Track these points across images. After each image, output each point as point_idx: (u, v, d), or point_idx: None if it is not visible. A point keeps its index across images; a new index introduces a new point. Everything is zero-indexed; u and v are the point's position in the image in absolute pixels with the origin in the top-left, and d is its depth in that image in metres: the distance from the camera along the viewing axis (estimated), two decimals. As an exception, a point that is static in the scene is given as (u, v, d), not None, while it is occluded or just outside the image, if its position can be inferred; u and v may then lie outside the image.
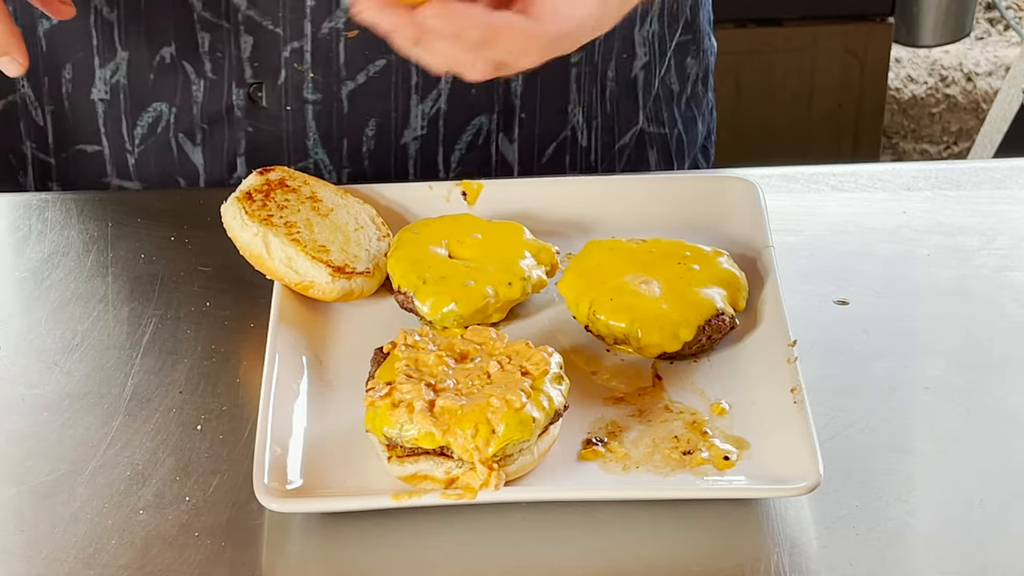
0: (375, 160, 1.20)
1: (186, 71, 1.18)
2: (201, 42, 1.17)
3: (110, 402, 0.97)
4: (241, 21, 1.15)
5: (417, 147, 1.20)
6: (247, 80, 1.17)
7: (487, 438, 0.86)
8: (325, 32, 1.15)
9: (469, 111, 1.20)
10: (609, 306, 0.98)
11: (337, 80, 1.17)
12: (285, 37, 1.15)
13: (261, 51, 1.16)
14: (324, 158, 1.20)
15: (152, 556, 0.86)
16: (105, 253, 1.10)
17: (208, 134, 1.20)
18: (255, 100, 1.18)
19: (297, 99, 1.17)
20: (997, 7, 3.28)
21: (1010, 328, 1.03)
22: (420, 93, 1.18)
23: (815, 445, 0.88)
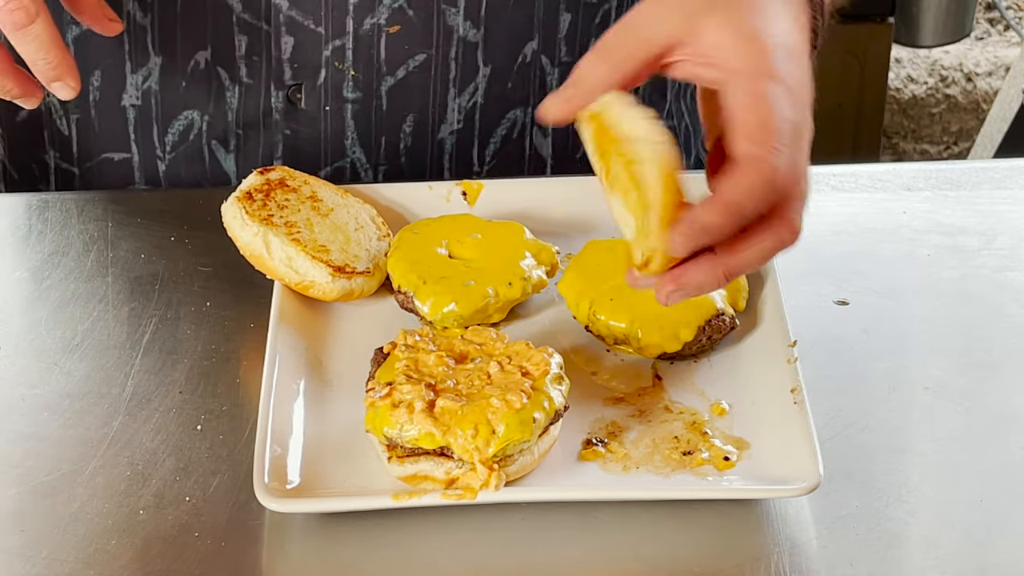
0: (412, 156, 1.20)
1: (220, 77, 1.17)
2: (238, 45, 1.16)
3: (110, 402, 0.97)
4: (283, 22, 1.14)
5: (453, 141, 1.20)
6: (286, 82, 1.17)
7: (487, 439, 0.86)
8: (367, 28, 1.14)
9: (505, 104, 1.20)
10: (609, 306, 0.98)
11: (378, 76, 1.16)
12: (327, 35, 1.15)
13: (302, 51, 1.15)
14: (361, 156, 1.19)
15: (152, 556, 0.86)
16: (105, 253, 1.10)
17: (243, 140, 1.20)
18: (294, 102, 1.18)
19: (337, 98, 1.17)
20: (997, 7, 3.28)
21: (1010, 328, 1.03)
22: (458, 86, 1.18)
23: (815, 445, 0.88)
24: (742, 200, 0.82)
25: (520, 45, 1.18)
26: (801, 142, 0.84)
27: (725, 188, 0.82)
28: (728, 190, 0.82)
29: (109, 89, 1.20)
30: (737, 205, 0.82)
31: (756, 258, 0.85)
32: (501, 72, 1.18)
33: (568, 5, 1.18)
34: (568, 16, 1.18)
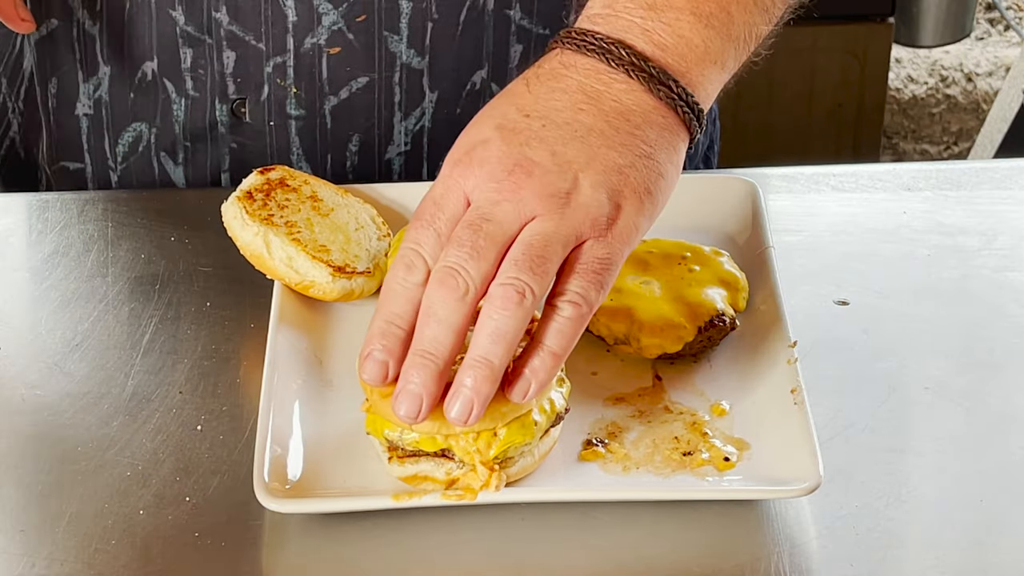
0: (359, 175, 1.20)
1: (167, 89, 1.18)
2: (183, 58, 1.17)
3: (110, 402, 0.97)
4: (224, 36, 1.15)
5: (401, 163, 1.20)
6: (230, 96, 1.17)
7: (489, 441, 0.86)
8: (308, 47, 1.15)
9: (455, 128, 1.19)
10: (609, 306, 0.98)
11: (320, 96, 1.17)
12: (268, 52, 1.15)
13: (244, 66, 1.16)
14: (308, 170, 1.19)
15: (152, 556, 0.86)
16: (105, 253, 1.10)
17: (191, 152, 1.20)
18: (238, 116, 1.18)
19: (281, 114, 1.17)
20: (997, 7, 3.28)
21: (1010, 328, 1.03)
22: (403, 110, 1.18)
23: (815, 446, 0.88)
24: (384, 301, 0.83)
25: (468, 74, 1.18)
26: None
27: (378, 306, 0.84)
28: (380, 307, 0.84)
29: (64, 97, 1.21)
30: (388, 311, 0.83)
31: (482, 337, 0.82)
32: (448, 98, 1.18)
33: (519, 37, 1.17)
34: (519, 47, 1.18)
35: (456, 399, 0.83)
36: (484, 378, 0.82)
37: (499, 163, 0.84)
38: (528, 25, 1.17)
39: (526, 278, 0.81)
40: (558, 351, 0.83)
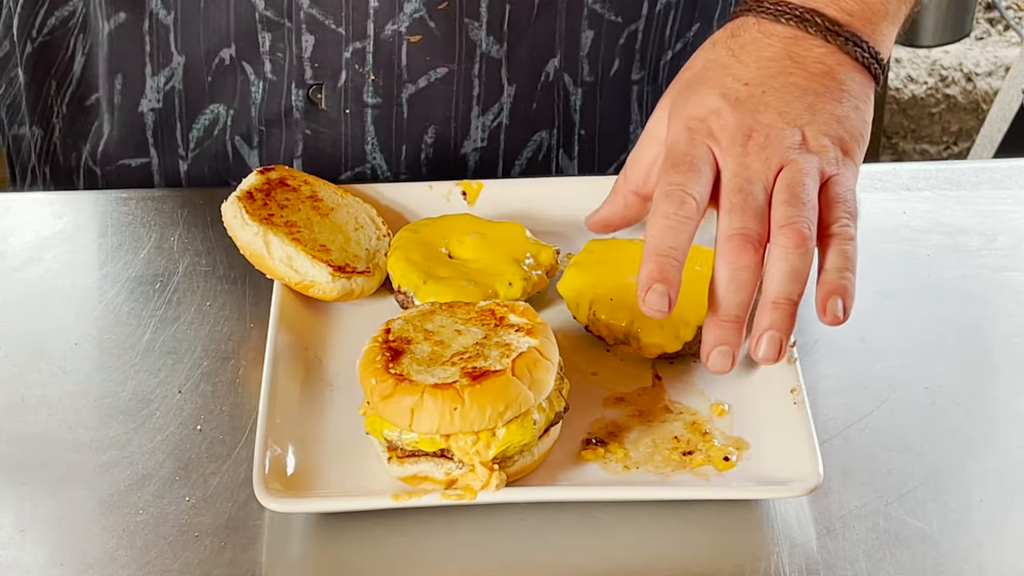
0: (433, 168, 1.19)
1: (245, 72, 1.17)
2: (262, 42, 1.15)
3: (110, 402, 0.97)
4: (303, 19, 1.14)
5: (477, 158, 1.19)
6: (307, 81, 1.16)
7: (488, 441, 0.86)
8: (388, 34, 1.14)
9: (530, 126, 1.19)
10: (609, 306, 0.98)
11: (398, 84, 1.16)
12: (347, 37, 1.14)
13: (322, 51, 1.15)
14: (382, 163, 1.19)
15: (152, 556, 0.86)
16: (105, 253, 1.10)
17: (265, 136, 1.19)
18: (314, 102, 1.17)
19: (357, 102, 1.17)
20: (997, 7, 3.28)
21: (1010, 328, 1.03)
22: (481, 105, 1.17)
23: (815, 446, 0.88)
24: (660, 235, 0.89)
25: (542, 63, 1.17)
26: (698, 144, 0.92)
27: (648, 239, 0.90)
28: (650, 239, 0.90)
29: (129, 95, 1.20)
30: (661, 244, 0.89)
31: (781, 278, 0.89)
32: (525, 91, 1.18)
33: (591, 22, 1.17)
34: (591, 33, 1.17)
35: (762, 340, 0.88)
36: (789, 315, 0.89)
37: (738, 130, 0.93)
38: (600, 10, 1.17)
39: (804, 214, 0.89)
40: (853, 267, 0.90)
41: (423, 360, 0.89)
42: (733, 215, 0.90)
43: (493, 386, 0.86)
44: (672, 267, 0.88)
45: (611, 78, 1.19)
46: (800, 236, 0.88)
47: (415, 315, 0.92)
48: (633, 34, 1.19)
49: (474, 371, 0.87)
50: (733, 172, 0.91)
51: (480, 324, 0.91)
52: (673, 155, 0.92)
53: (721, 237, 0.90)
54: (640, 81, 1.21)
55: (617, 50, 1.19)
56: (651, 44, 1.20)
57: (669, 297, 0.88)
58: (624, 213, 1.01)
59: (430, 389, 0.86)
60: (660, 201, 0.90)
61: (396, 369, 0.88)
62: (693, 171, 0.91)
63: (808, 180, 0.90)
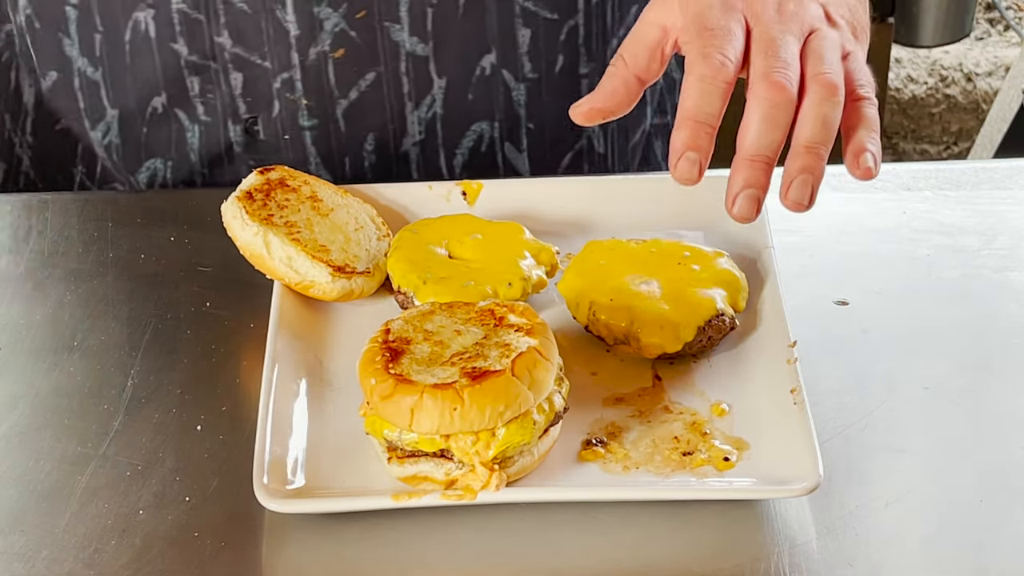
0: (378, 172, 1.20)
1: (179, 119, 1.18)
2: (191, 86, 1.17)
3: (110, 402, 0.97)
4: (228, 59, 1.15)
5: (418, 152, 1.20)
6: (242, 116, 1.17)
7: (487, 441, 0.86)
8: (312, 58, 1.15)
9: (467, 116, 1.20)
10: (609, 306, 0.98)
11: (331, 101, 1.17)
12: (274, 69, 1.15)
13: (252, 86, 1.16)
14: (328, 177, 1.19)
15: (152, 556, 0.86)
16: (105, 253, 1.10)
17: (209, 177, 1.20)
18: (252, 134, 1.18)
19: (294, 127, 1.17)
20: (997, 7, 3.28)
21: (1010, 328, 1.03)
22: (414, 100, 1.18)
23: (815, 446, 0.88)
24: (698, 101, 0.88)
25: (475, 59, 1.18)
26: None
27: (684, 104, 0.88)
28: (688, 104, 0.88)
29: (66, 152, 1.21)
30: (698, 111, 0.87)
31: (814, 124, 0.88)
32: (458, 83, 1.18)
33: (526, 20, 1.17)
34: (527, 32, 1.17)
35: (794, 183, 0.88)
36: (821, 161, 0.88)
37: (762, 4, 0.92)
38: (534, 8, 1.17)
39: (836, 69, 0.89)
40: (878, 129, 0.91)
41: (423, 360, 0.89)
42: (769, 58, 0.89)
43: (493, 386, 0.86)
44: (706, 134, 0.88)
45: (557, 74, 1.19)
46: (833, 86, 0.88)
47: (415, 315, 0.92)
48: (574, 29, 1.19)
49: (474, 371, 0.87)
50: (767, 26, 0.91)
51: (480, 324, 0.91)
52: (707, 20, 0.91)
53: (756, 77, 0.89)
54: (590, 74, 1.21)
55: (559, 46, 1.19)
56: (594, 36, 1.20)
57: (700, 165, 0.87)
58: (624, 98, 0.96)
59: (430, 389, 0.86)
60: (697, 62, 0.89)
61: (396, 369, 0.88)
62: (729, 35, 0.90)
63: (835, 47, 0.91)
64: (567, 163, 1.24)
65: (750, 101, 0.88)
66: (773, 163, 0.88)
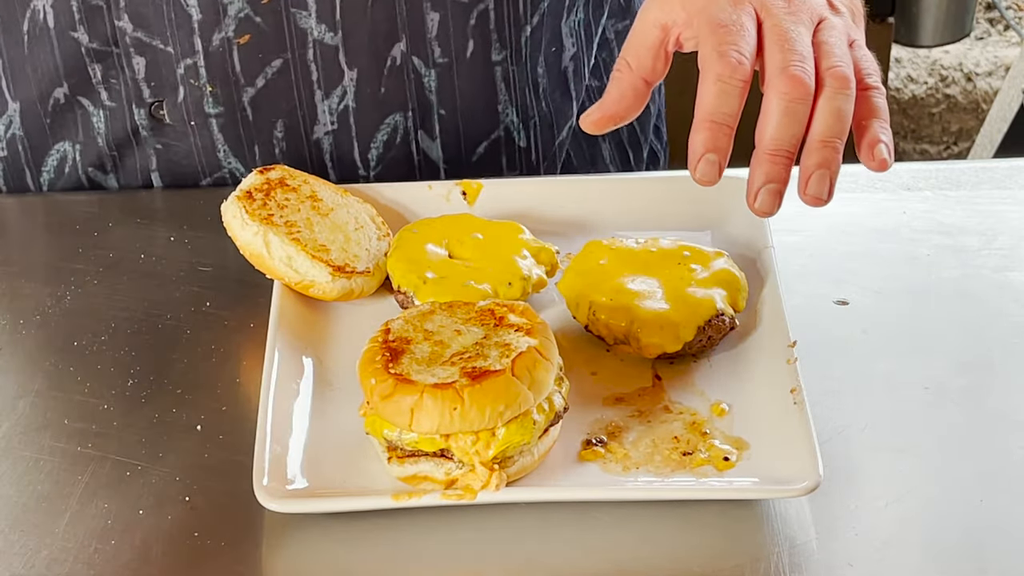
0: (291, 160, 1.19)
1: (83, 105, 1.17)
2: (93, 73, 1.16)
3: (110, 402, 0.97)
4: (130, 43, 1.14)
5: (330, 142, 1.19)
6: (146, 100, 1.16)
7: (487, 441, 0.86)
8: (216, 44, 1.14)
9: (380, 109, 1.18)
10: (609, 306, 0.98)
11: (237, 89, 1.16)
12: (176, 55, 1.14)
13: (155, 70, 1.15)
14: (238, 166, 1.19)
15: (152, 556, 0.86)
16: (105, 253, 1.10)
17: (119, 159, 1.19)
18: (158, 118, 1.17)
19: (200, 114, 1.16)
20: (997, 7, 3.28)
21: (1010, 328, 1.03)
22: (324, 89, 1.17)
23: (815, 446, 0.88)
24: (716, 102, 0.88)
25: (386, 47, 1.17)
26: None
27: (702, 105, 0.89)
28: (706, 105, 0.88)
29: None
30: (716, 112, 0.88)
31: (830, 118, 0.89)
32: (369, 75, 1.17)
33: (434, 5, 1.16)
34: (436, 16, 1.16)
35: (812, 178, 0.88)
36: (838, 155, 0.89)
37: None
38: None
39: (847, 61, 0.90)
40: (887, 118, 0.91)
41: (423, 360, 0.89)
42: (785, 51, 0.89)
43: (493, 386, 0.86)
44: (725, 135, 0.88)
45: (468, 59, 1.18)
46: (846, 79, 0.89)
47: (415, 315, 0.92)
48: (484, 13, 1.18)
49: (474, 371, 0.87)
50: (779, 18, 0.91)
51: (480, 324, 0.91)
52: (719, 16, 0.91)
53: (774, 71, 0.89)
54: (503, 62, 1.20)
55: (469, 31, 1.18)
56: (507, 22, 1.19)
57: (720, 166, 0.88)
58: (633, 103, 0.95)
59: (430, 389, 0.86)
60: (713, 61, 0.89)
61: (396, 369, 0.88)
62: (743, 31, 0.90)
63: (842, 36, 0.92)
64: (482, 151, 1.22)
65: (769, 95, 0.88)
66: (793, 157, 0.88)
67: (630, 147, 1.32)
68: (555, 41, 1.22)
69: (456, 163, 1.22)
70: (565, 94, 1.25)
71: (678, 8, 0.93)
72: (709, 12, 0.91)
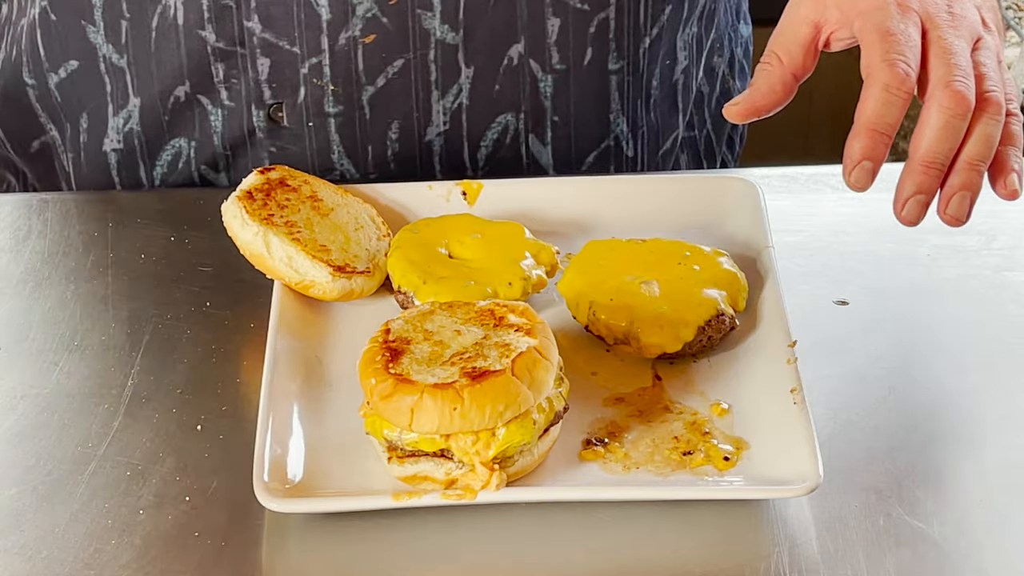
0: (400, 162, 1.20)
1: (202, 104, 1.18)
2: (215, 72, 1.16)
3: (110, 402, 0.97)
4: (257, 44, 1.15)
5: (441, 143, 1.20)
6: (266, 101, 1.17)
7: (488, 441, 0.86)
8: (342, 43, 1.14)
9: (493, 107, 1.19)
10: (609, 306, 0.98)
11: (357, 88, 1.16)
12: (302, 55, 1.15)
13: (279, 71, 1.16)
14: (350, 167, 1.19)
15: (152, 556, 0.86)
16: (105, 253, 1.10)
17: (232, 159, 1.20)
18: (276, 120, 1.18)
19: (319, 114, 1.17)
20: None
21: (1010, 328, 1.03)
22: (440, 88, 1.17)
23: (815, 446, 0.88)
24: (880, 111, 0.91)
25: (504, 48, 1.17)
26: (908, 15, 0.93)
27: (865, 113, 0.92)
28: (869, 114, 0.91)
29: (94, 133, 1.21)
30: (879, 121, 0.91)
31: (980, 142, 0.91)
32: (485, 74, 1.18)
33: (556, 10, 1.17)
34: (556, 21, 1.17)
35: (955, 200, 0.91)
36: (981, 176, 0.91)
37: (943, 2, 0.95)
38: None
39: (1001, 88, 0.92)
40: (1022, 139, 0.94)
41: (423, 360, 0.89)
42: (950, 66, 0.91)
43: (493, 386, 0.86)
44: (883, 144, 0.91)
45: (585, 67, 1.19)
46: (999, 105, 0.91)
47: (415, 315, 0.92)
48: (604, 22, 1.18)
49: (474, 371, 0.87)
50: (944, 31, 0.92)
51: (480, 324, 0.91)
52: (888, 25, 0.92)
53: (938, 83, 0.91)
54: (619, 71, 1.21)
55: (588, 38, 1.18)
56: (626, 32, 1.20)
57: (873, 173, 0.90)
58: (781, 96, 0.97)
59: (430, 389, 0.86)
60: (882, 71, 0.91)
61: (396, 369, 0.88)
62: (911, 43, 0.92)
63: (996, 59, 0.94)
64: (592, 161, 1.23)
65: (930, 106, 0.90)
66: (944, 170, 0.91)
67: (705, 158, 1.33)
68: (670, 53, 1.23)
69: (565, 171, 1.23)
70: (673, 106, 1.26)
71: (832, 7, 0.94)
72: (877, 19, 0.93)
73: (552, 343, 0.90)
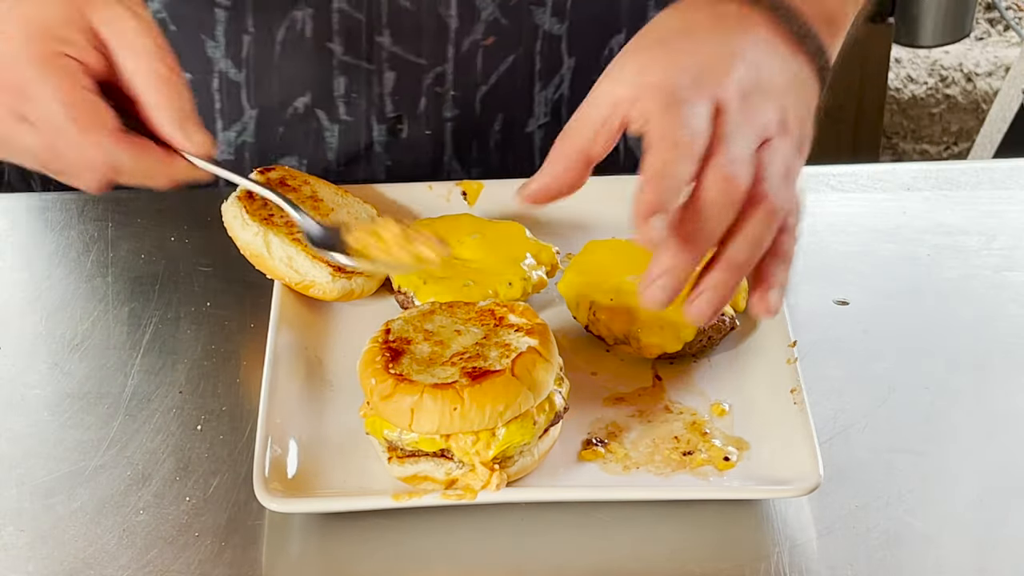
0: (502, 154, 1.19)
1: (318, 118, 1.17)
2: (336, 86, 1.16)
3: (110, 402, 0.97)
4: (385, 59, 1.14)
5: (542, 135, 1.19)
6: (388, 115, 1.17)
7: (488, 441, 0.86)
8: (466, 48, 1.14)
9: None
10: (609, 306, 0.98)
11: (473, 89, 1.16)
12: (427, 65, 1.15)
13: (403, 84, 1.15)
14: (457, 166, 1.20)
15: (152, 556, 0.86)
16: (105, 253, 1.10)
17: (345, 173, 1.19)
18: (395, 133, 1.17)
19: (437, 120, 1.17)
20: (997, 7, 3.28)
21: (1010, 328, 1.03)
22: (543, 79, 1.17)
23: (815, 446, 0.88)
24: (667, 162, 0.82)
25: (606, 38, 1.17)
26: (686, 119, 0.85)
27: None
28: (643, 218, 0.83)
29: None
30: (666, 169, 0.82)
31: (746, 243, 0.84)
32: (586, 64, 1.18)
33: (659, 2, 1.16)
34: (657, 11, 1.17)
35: (702, 298, 0.84)
36: (739, 280, 0.85)
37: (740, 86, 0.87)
38: None
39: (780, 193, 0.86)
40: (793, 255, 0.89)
41: (423, 360, 0.89)
42: (732, 159, 0.84)
43: (493, 386, 0.86)
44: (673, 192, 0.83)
45: None
46: (774, 212, 0.85)
47: (415, 315, 0.92)
48: None
49: (474, 371, 0.87)
50: (734, 126, 0.85)
51: (480, 324, 0.91)
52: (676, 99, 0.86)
53: (714, 164, 0.84)
54: None
55: None
56: None
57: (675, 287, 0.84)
58: (570, 179, 0.89)
59: (430, 389, 0.86)
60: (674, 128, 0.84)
61: (396, 369, 0.88)
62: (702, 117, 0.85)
63: (782, 165, 0.87)
64: None
65: (706, 183, 0.84)
66: (703, 254, 0.84)
67: None
68: None
69: None
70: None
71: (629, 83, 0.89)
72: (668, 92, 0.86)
73: (552, 343, 0.90)
